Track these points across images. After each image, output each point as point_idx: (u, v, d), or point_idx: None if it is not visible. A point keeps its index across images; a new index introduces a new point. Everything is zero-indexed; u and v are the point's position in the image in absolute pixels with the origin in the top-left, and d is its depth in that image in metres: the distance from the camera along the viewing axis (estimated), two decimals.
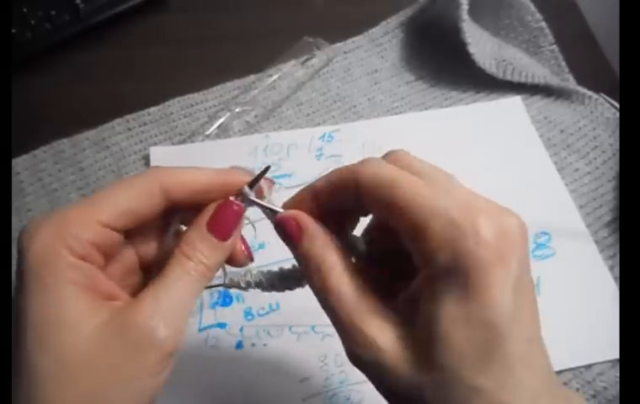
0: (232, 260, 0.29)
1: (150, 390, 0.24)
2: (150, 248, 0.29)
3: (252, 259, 0.30)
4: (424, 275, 0.24)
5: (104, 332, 0.24)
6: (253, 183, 0.28)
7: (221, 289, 0.31)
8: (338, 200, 0.28)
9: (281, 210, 0.28)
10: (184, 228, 0.30)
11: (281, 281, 0.30)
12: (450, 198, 0.24)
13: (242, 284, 0.30)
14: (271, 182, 0.29)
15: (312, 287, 0.27)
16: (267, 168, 0.29)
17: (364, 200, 0.26)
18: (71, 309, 0.24)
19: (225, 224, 0.27)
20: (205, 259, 0.26)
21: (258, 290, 0.31)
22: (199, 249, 0.26)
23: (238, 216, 0.28)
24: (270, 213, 0.29)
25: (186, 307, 0.26)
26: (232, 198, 0.28)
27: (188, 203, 0.28)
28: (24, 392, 0.23)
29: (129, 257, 0.29)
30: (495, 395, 0.22)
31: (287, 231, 0.27)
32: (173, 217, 0.29)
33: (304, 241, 0.27)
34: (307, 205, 0.28)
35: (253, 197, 0.28)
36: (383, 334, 0.24)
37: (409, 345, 0.24)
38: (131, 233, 0.28)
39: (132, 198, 0.26)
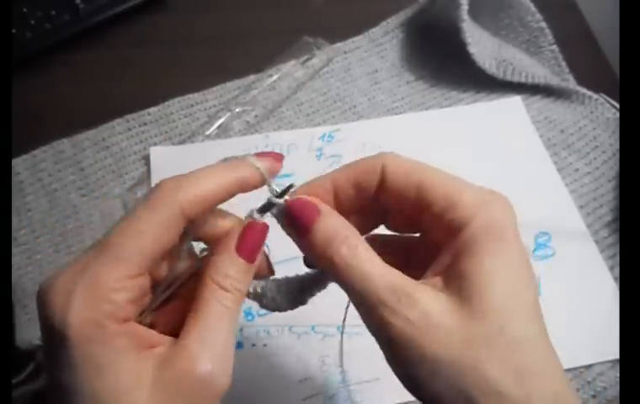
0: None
1: None
2: (160, 267, 0.28)
3: (273, 272, 0.30)
4: (462, 238, 0.25)
5: (158, 389, 0.23)
6: (264, 209, 0.27)
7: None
8: (358, 190, 0.28)
9: (282, 202, 0.28)
10: (199, 245, 0.29)
11: (302, 290, 0.29)
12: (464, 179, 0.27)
13: (264, 300, 0.29)
14: (279, 156, 0.29)
15: (334, 268, 0.25)
16: (289, 187, 0.28)
17: (388, 185, 0.27)
18: (123, 377, 0.23)
19: (252, 245, 0.27)
20: (239, 285, 0.26)
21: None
22: (233, 276, 0.26)
23: (264, 235, 0.27)
24: (279, 214, 0.28)
25: (231, 342, 0.25)
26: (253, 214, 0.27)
27: (202, 216, 0.27)
28: None
29: (145, 283, 0.27)
30: (539, 343, 0.24)
31: (303, 213, 0.26)
32: (187, 234, 0.28)
33: (323, 217, 0.26)
34: (326, 197, 0.28)
35: (260, 216, 0.27)
36: (427, 295, 0.24)
37: (454, 305, 0.24)
38: None
39: (157, 236, 0.24)
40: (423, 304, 0.24)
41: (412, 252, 0.30)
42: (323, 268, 0.27)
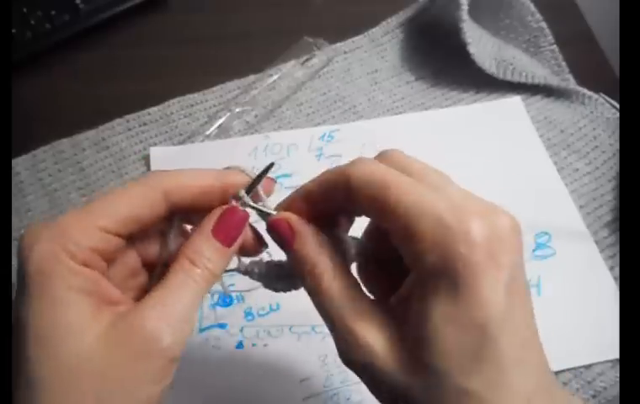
0: (243, 250, 0.29)
1: (154, 396, 0.24)
2: (151, 248, 0.29)
3: (266, 245, 0.30)
4: (414, 276, 0.24)
5: (107, 338, 0.24)
6: (251, 187, 0.28)
7: (235, 274, 0.30)
8: (329, 202, 0.28)
9: (274, 213, 0.28)
10: (189, 227, 0.30)
11: (279, 278, 0.30)
12: (440, 197, 0.23)
13: (253, 275, 0.30)
14: (273, 181, 0.29)
15: (306, 288, 0.27)
16: (270, 166, 0.29)
17: (354, 201, 0.26)
18: (73, 315, 0.23)
19: (230, 230, 0.27)
20: (211, 265, 0.26)
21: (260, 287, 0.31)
22: (205, 255, 0.26)
23: (243, 222, 0.28)
24: (264, 216, 0.29)
25: (190, 313, 0.26)
26: (232, 202, 0.28)
27: (189, 206, 0.28)
28: (25, 401, 0.23)
29: (131, 259, 0.29)
30: (486, 397, 0.22)
31: (280, 234, 0.28)
32: (175, 218, 0.29)
33: (296, 243, 0.27)
34: (300, 207, 0.28)
35: (248, 200, 0.28)
36: (374, 335, 0.25)
37: (400, 346, 0.24)
38: (134, 236, 0.28)
39: (134, 204, 0.26)
40: (366, 345, 0.25)
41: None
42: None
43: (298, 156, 0.53)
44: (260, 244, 0.30)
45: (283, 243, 0.28)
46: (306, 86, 0.58)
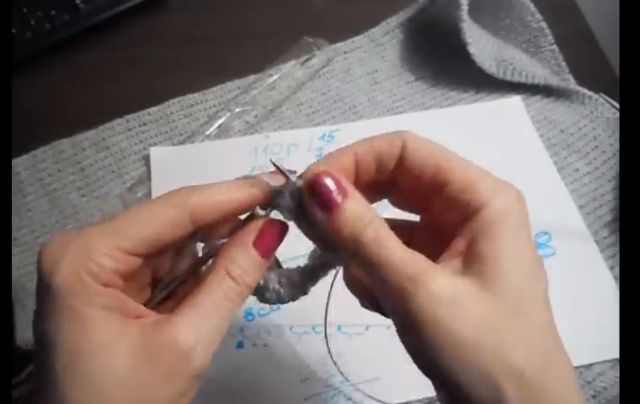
0: None
1: None
2: (163, 264, 0.29)
3: (279, 265, 0.30)
4: (479, 221, 0.26)
5: (137, 356, 0.23)
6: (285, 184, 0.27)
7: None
8: (379, 165, 0.28)
9: (298, 180, 0.27)
10: (201, 246, 0.29)
11: (303, 280, 0.29)
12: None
13: (267, 293, 0.29)
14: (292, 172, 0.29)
15: (365, 245, 0.25)
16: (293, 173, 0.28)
17: (407, 162, 0.27)
18: (102, 333, 0.23)
19: (270, 241, 0.27)
20: (247, 277, 0.26)
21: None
22: (242, 266, 0.26)
23: (283, 235, 0.27)
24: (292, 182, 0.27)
25: (221, 332, 0.25)
26: (258, 211, 0.27)
27: (214, 223, 0.27)
28: None
29: (145, 274, 0.28)
30: (553, 328, 0.25)
31: (328, 191, 0.25)
32: (195, 236, 0.28)
33: (350, 200, 0.25)
34: (348, 169, 0.28)
35: (278, 164, 0.27)
36: (448, 277, 0.24)
37: (475, 287, 0.24)
38: (152, 255, 0.27)
39: (160, 226, 0.25)
40: (445, 286, 0.24)
41: (412, 236, 0.30)
42: (345, 248, 0.26)
43: (298, 156, 0.53)
44: (275, 262, 0.29)
45: (333, 201, 0.25)
46: (306, 86, 0.58)
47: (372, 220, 0.25)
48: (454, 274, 0.25)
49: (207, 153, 0.52)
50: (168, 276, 0.28)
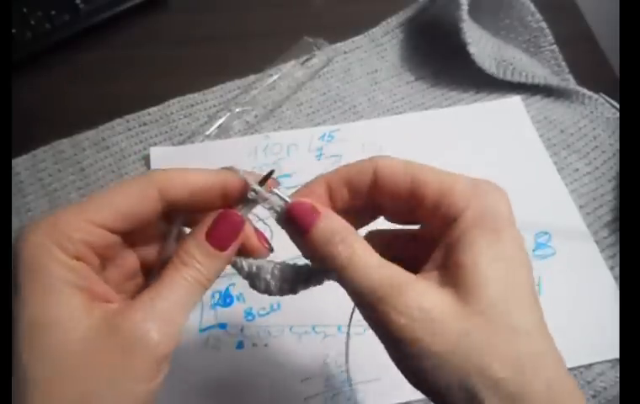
0: (249, 251, 0.29)
1: (141, 393, 0.24)
2: (151, 252, 0.29)
3: (271, 249, 0.30)
4: (456, 229, 0.25)
5: (96, 334, 0.24)
6: (262, 182, 0.28)
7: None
8: (352, 192, 0.28)
9: (288, 200, 0.28)
10: (188, 230, 0.30)
11: (295, 280, 0.29)
12: (456, 174, 0.28)
13: (257, 281, 0.29)
14: (276, 182, 0.29)
15: (337, 262, 0.25)
16: (272, 172, 0.28)
17: (381, 184, 0.27)
18: (63, 309, 0.24)
19: (223, 235, 0.27)
20: (203, 268, 0.26)
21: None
22: (197, 258, 0.26)
23: (238, 228, 0.27)
24: (278, 205, 0.28)
25: (181, 313, 0.25)
26: (239, 208, 0.27)
27: (187, 205, 0.27)
28: (16, 394, 0.23)
29: (129, 260, 0.29)
30: (536, 330, 0.25)
31: (302, 216, 0.26)
32: (175, 220, 0.29)
33: (322, 219, 0.26)
34: (321, 198, 0.28)
35: (260, 190, 0.27)
36: (424, 289, 0.24)
37: (451, 297, 0.24)
38: (132, 237, 0.28)
39: (128, 200, 0.26)
40: (420, 298, 0.24)
41: (413, 249, 0.30)
42: (323, 267, 0.27)
43: (298, 157, 0.53)
44: (266, 248, 0.30)
45: (305, 225, 0.26)
46: (306, 86, 0.58)
47: (346, 236, 0.26)
48: (430, 287, 0.25)
49: (207, 153, 0.52)
50: (157, 263, 0.29)
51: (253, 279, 0.29)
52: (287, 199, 0.28)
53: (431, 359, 0.24)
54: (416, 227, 0.30)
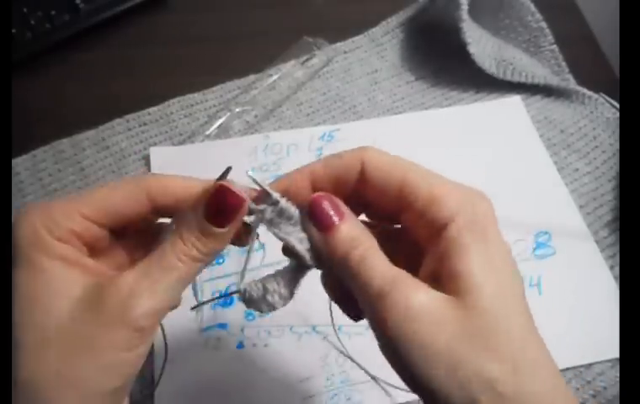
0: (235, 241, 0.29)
1: (121, 366, 0.25)
2: (143, 252, 0.29)
3: (257, 235, 0.29)
4: (447, 237, 0.25)
5: (81, 304, 0.25)
6: (220, 178, 0.27)
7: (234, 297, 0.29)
8: (336, 185, 0.28)
9: (278, 195, 0.27)
10: None
11: (294, 278, 0.29)
12: (444, 177, 0.27)
13: (267, 297, 0.28)
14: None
15: (350, 262, 0.26)
16: (229, 169, 0.28)
17: (369, 181, 0.27)
18: (54, 280, 0.25)
19: (222, 211, 0.26)
20: (199, 243, 0.26)
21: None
22: (193, 232, 0.26)
23: (235, 206, 0.27)
24: (274, 203, 0.27)
25: (169, 290, 0.26)
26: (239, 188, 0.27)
27: (175, 210, 0.28)
28: (12, 366, 0.24)
29: (119, 257, 0.29)
30: (530, 335, 0.25)
31: (326, 213, 0.27)
32: (173, 220, 0.29)
33: (347, 220, 0.27)
34: (304, 190, 0.28)
35: (255, 177, 0.27)
36: (424, 291, 0.25)
37: (449, 302, 0.24)
38: (124, 234, 0.28)
39: (115, 199, 0.27)
40: (420, 299, 0.24)
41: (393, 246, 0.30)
42: (334, 263, 0.27)
43: (298, 156, 0.53)
44: (247, 237, 0.29)
45: (331, 222, 0.26)
46: (306, 86, 0.58)
47: (364, 241, 0.26)
48: (429, 289, 0.25)
49: (207, 153, 0.52)
50: None
51: (259, 304, 0.29)
52: (294, 207, 0.27)
53: (428, 359, 0.24)
54: (396, 227, 0.30)
